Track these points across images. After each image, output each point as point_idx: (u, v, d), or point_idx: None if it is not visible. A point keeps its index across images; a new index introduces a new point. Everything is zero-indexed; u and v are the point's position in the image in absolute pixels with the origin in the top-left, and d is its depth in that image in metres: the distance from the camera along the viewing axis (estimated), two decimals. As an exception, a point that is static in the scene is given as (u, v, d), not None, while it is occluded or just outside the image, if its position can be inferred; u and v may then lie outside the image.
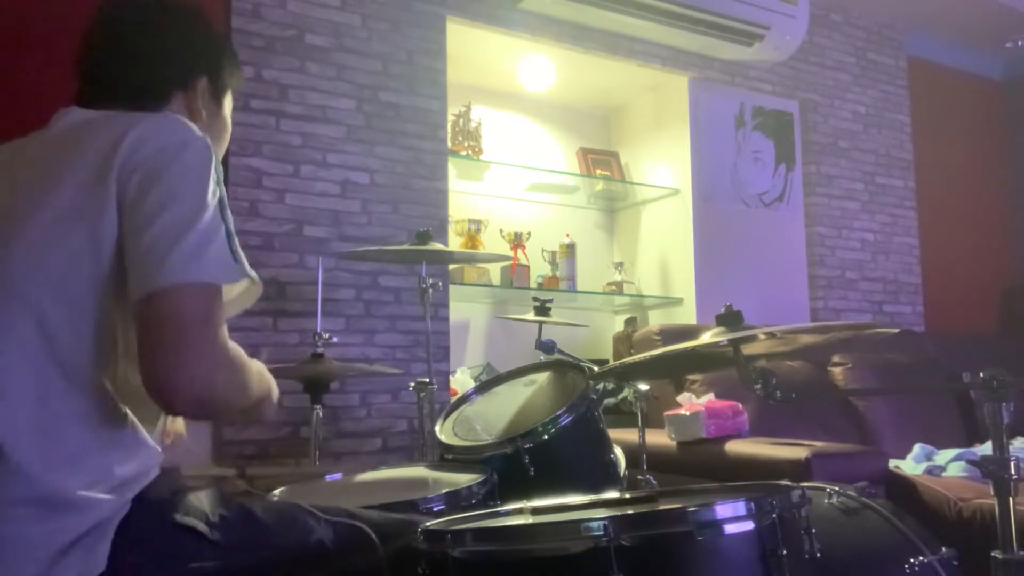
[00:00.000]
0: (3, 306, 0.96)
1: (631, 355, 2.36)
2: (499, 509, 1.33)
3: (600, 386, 1.80)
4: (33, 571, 0.92)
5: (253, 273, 1.06)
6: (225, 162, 2.61)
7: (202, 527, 1.04)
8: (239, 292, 1.11)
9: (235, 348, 1.03)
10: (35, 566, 0.92)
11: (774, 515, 1.01)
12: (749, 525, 1.00)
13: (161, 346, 0.95)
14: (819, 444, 2.35)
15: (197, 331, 0.96)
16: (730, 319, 1.32)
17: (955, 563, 1.46)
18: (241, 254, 1.05)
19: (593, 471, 1.74)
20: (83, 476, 0.96)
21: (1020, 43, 4.53)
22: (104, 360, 1.00)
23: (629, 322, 3.64)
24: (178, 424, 1.37)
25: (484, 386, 2.01)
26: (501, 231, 3.51)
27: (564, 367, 1.94)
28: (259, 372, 1.16)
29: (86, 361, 0.98)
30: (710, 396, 2.77)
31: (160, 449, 1.09)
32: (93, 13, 1.24)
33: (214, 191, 1.04)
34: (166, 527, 1.02)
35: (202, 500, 1.09)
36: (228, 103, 1.34)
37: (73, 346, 0.98)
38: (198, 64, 1.26)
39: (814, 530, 1.10)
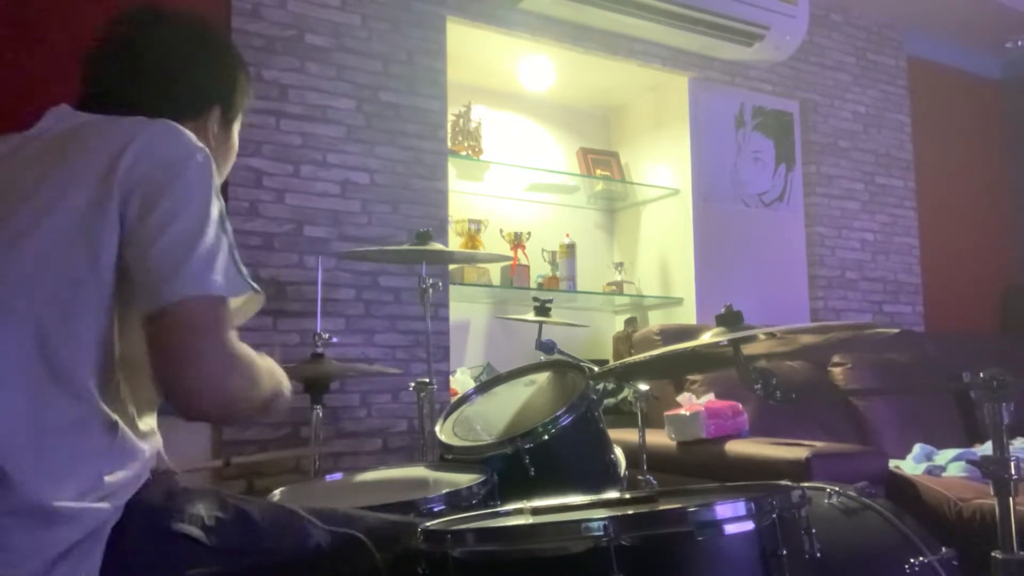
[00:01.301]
0: (1, 317, 0.96)
1: (631, 355, 2.37)
2: (499, 509, 1.33)
3: (600, 386, 1.80)
4: None
5: (256, 285, 1.08)
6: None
7: (198, 533, 1.04)
8: (242, 302, 1.12)
9: (244, 348, 1.05)
10: (29, 573, 0.91)
11: (774, 515, 1.01)
12: (749, 525, 1.00)
13: (175, 356, 0.98)
14: (819, 444, 2.35)
15: (209, 339, 0.99)
16: (730, 319, 1.32)
17: (955, 563, 1.46)
18: (243, 266, 1.06)
19: (593, 471, 1.74)
20: (73, 486, 0.95)
21: (1020, 43, 4.53)
22: (100, 370, 1.00)
23: (629, 322, 3.64)
24: None
25: (484, 386, 2.01)
26: (501, 231, 3.51)
27: (564, 367, 1.94)
28: (269, 369, 1.16)
29: (82, 372, 0.98)
30: (710, 396, 2.77)
31: (151, 453, 1.08)
32: (113, 17, 1.20)
33: (216, 204, 1.05)
34: (162, 534, 1.02)
35: (198, 504, 1.08)
36: (237, 125, 1.33)
37: (69, 357, 0.97)
38: (213, 95, 1.25)
39: (814, 530, 1.10)
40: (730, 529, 0.99)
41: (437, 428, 1.82)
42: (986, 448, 1.64)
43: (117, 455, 1.01)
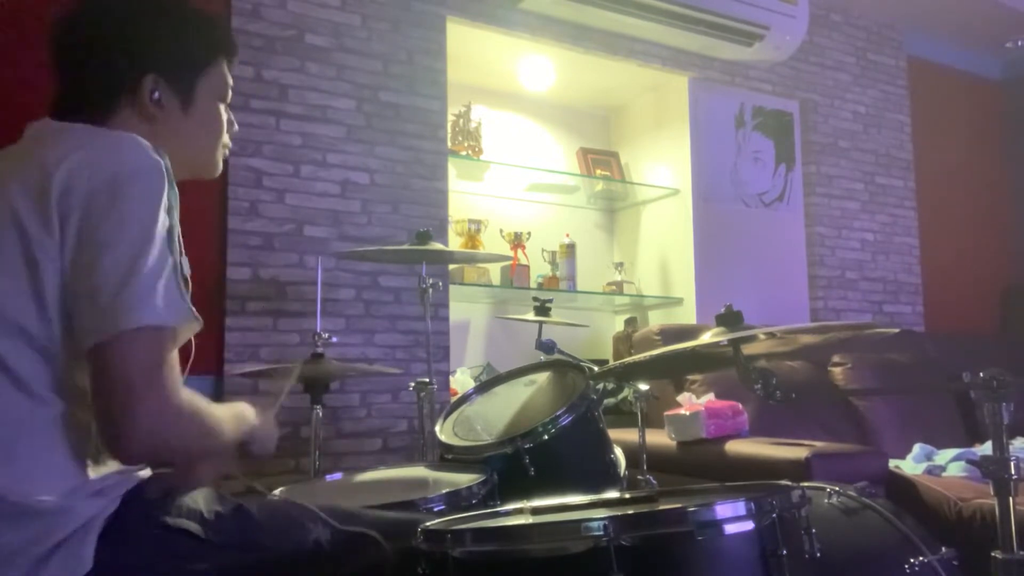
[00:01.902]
0: None
1: (631, 355, 2.36)
2: (499, 509, 1.33)
3: (600, 386, 1.80)
4: (16, 574, 0.91)
5: (196, 314, 1.02)
6: (225, 162, 2.61)
7: (195, 527, 1.03)
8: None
9: (190, 395, 0.99)
10: (17, 570, 0.91)
11: (774, 515, 1.01)
12: (749, 525, 1.00)
13: (110, 398, 0.93)
14: (819, 444, 2.35)
15: (146, 381, 0.93)
16: (730, 319, 1.32)
17: (955, 563, 1.46)
18: (186, 293, 1.00)
19: (593, 471, 1.74)
20: (55, 484, 0.94)
21: (1020, 43, 4.53)
22: (61, 376, 0.97)
23: (629, 322, 3.64)
24: None
25: (484, 386, 2.01)
26: (501, 231, 3.51)
27: (564, 367, 1.94)
28: (232, 415, 1.12)
29: (43, 379, 0.96)
30: (710, 396, 2.77)
31: None
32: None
33: (163, 222, 0.98)
34: (158, 528, 1.02)
35: (197, 499, 1.08)
36: (211, 86, 1.20)
37: (27, 368, 0.95)
38: (140, 61, 1.12)
39: (814, 530, 1.10)
40: (730, 529, 0.99)
41: (437, 428, 1.82)
42: (986, 448, 1.64)
43: (96, 455, 1.00)
